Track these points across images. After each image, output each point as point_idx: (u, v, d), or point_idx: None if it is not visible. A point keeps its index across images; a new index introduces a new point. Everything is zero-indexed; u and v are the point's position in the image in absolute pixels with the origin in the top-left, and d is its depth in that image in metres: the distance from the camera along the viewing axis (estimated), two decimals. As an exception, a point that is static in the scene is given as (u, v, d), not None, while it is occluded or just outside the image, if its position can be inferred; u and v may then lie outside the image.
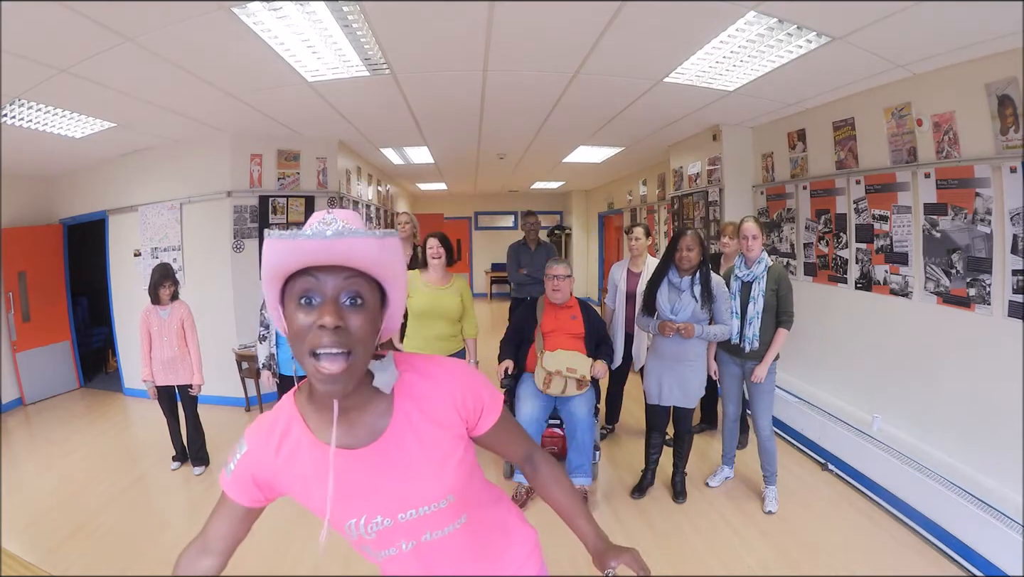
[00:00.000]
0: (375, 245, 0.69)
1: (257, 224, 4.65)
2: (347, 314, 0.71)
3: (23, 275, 5.02)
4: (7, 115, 3.26)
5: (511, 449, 0.99)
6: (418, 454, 0.83)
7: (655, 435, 2.97)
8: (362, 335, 0.72)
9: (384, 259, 0.71)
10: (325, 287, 0.70)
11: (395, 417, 0.83)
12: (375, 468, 0.81)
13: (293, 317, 0.71)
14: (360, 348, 0.72)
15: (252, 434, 0.85)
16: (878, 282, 3.22)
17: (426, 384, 0.86)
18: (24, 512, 2.94)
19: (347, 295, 0.71)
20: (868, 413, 3.19)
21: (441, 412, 0.85)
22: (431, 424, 0.84)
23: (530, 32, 2.57)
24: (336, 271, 0.70)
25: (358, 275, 0.71)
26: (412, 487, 0.82)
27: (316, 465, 0.81)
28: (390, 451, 0.82)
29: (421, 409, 0.84)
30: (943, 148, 2.72)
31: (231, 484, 0.84)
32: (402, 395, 0.84)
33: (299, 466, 0.82)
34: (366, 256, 0.69)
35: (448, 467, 0.84)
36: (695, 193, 5.06)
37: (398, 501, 0.82)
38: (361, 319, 0.72)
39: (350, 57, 2.81)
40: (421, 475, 0.82)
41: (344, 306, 0.71)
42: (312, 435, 0.82)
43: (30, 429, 4.41)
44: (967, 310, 2.63)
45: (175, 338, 3.28)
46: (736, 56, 2.81)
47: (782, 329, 2.79)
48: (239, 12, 2.21)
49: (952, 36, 2.37)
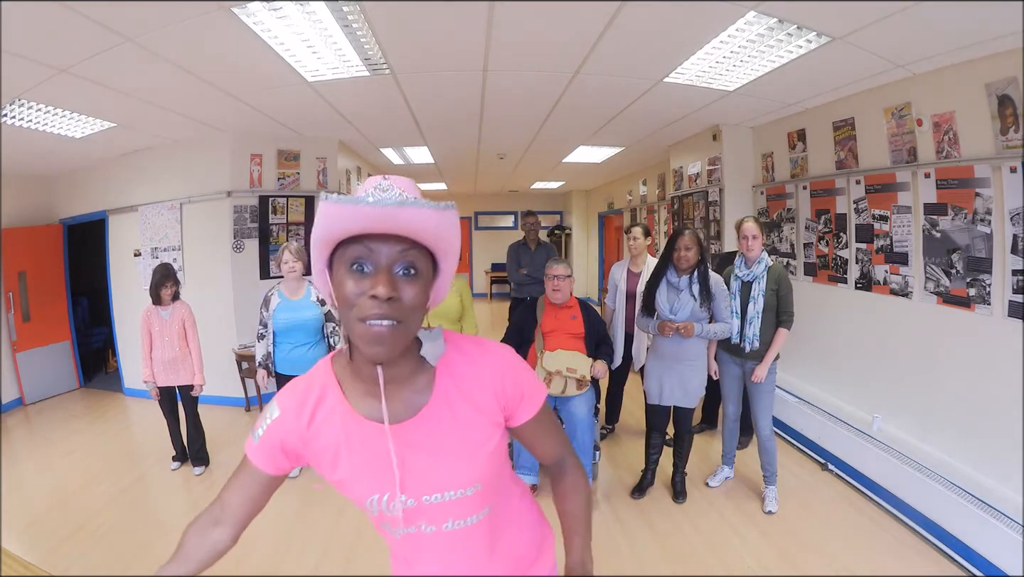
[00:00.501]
0: (436, 217, 0.66)
1: (257, 224, 4.65)
2: (400, 284, 0.69)
3: (23, 275, 5.02)
4: (7, 115, 3.26)
5: (546, 446, 0.95)
6: (453, 436, 0.80)
7: (655, 435, 2.97)
8: (415, 305, 0.70)
9: (442, 231, 0.69)
10: (379, 256, 0.68)
11: (435, 395, 0.80)
12: (407, 446, 0.79)
13: (343, 283, 0.69)
14: (412, 317, 0.71)
15: (285, 398, 0.82)
16: (878, 282, 3.22)
17: (469, 366, 0.83)
18: (24, 512, 2.94)
19: (401, 265, 0.69)
20: (868, 413, 3.19)
21: (481, 396, 0.83)
22: (470, 407, 0.82)
23: (530, 32, 2.57)
24: (391, 240, 0.68)
25: (413, 245, 0.70)
26: (442, 470, 0.80)
27: (349, 436, 0.79)
28: (426, 429, 0.79)
29: (461, 390, 0.82)
30: (943, 148, 2.72)
31: (257, 450, 0.82)
32: (444, 373, 0.82)
33: (330, 435, 0.80)
34: (426, 227, 0.67)
35: (481, 455, 0.82)
36: (695, 193, 5.06)
37: (426, 482, 0.80)
38: (415, 290, 0.70)
39: (350, 57, 2.80)
40: (453, 458, 0.80)
41: (398, 276, 0.69)
42: (348, 404, 0.80)
43: (30, 429, 4.41)
44: (967, 310, 2.63)
45: (176, 338, 3.28)
46: (736, 56, 2.81)
47: (782, 329, 2.79)
48: (239, 12, 2.21)
49: (952, 36, 2.37)
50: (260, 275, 4.69)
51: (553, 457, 0.97)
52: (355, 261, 0.69)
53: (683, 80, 3.23)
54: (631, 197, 8.03)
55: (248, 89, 3.31)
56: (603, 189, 9.72)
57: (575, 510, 0.97)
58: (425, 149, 5.73)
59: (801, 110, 3.81)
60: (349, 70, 3.00)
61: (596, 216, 10.47)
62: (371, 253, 0.68)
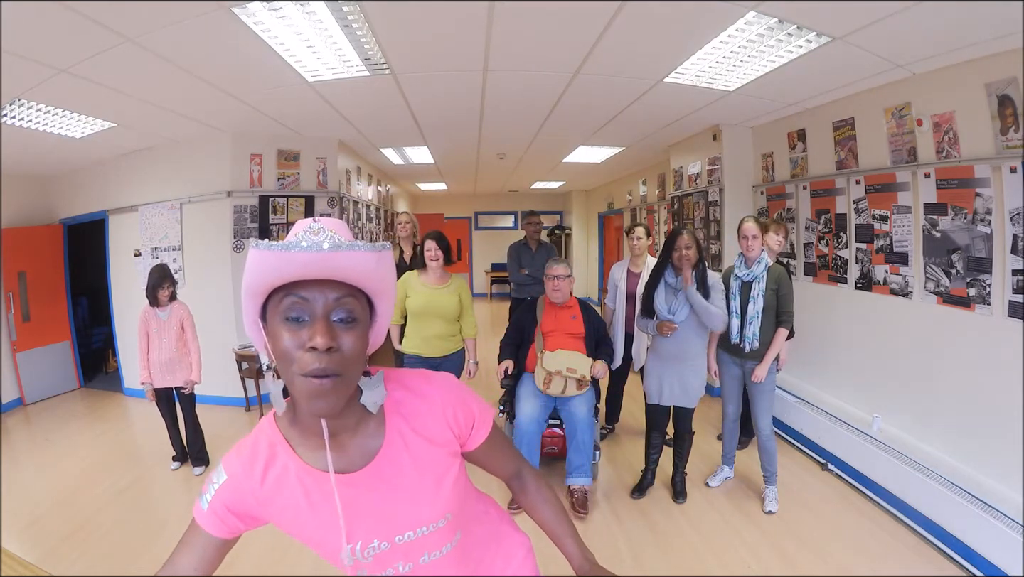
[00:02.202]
0: (373, 258, 0.64)
1: (257, 224, 4.65)
2: (339, 333, 0.66)
3: (23, 275, 5.02)
4: (7, 115, 3.26)
5: (500, 465, 0.97)
6: (414, 474, 0.79)
7: (655, 435, 2.97)
8: (354, 354, 0.68)
9: (380, 274, 0.67)
10: (315, 305, 0.66)
11: (388, 437, 0.79)
12: (371, 491, 0.77)
13: (278, 336, 0.66)
14: (352, 368, 0.68)
15: (232, 462, 0.79)
16: (878, 282, 3.22)
17: (417, 401, 0.82)
18: (24, 512, 2.94)
19: (339, 313, 0.67)
20: (868, 413, 3.19)
21: (434, 429, 0.82)
22: (425, 442, 0.81)
23: (530, 32, 2.57)
24: (326, 286, 0.65)
25: (349, 292, 0.67)
26: (409, 509, 0.79)
27: (307, 492, 0.77)
28: (385, 473, 0.78)
29: (413, 427, 0.81)
30: (943, 148, 2.72)
31: (207, 516, 0.78)
32: (393, 413, 0.80)
33: (288, 495, 0.77)
34: (362, 270, 0.65)
35: (445, 485, 0.82)
36: (695, 193, 5.06)
37: (395, 524, 0.79)
38: (353, 337, 0.68)
39: (350, 57, 2.80)
40: (418, 496, 0.79)
41: (335, 324, 0.67)
42: (300, 460, 0.77)
43: (30, 429, 4.41)
44: (967, 310, 2.63)
45: (174, 339, 3.27)
46: (736, 56, 2.81)
47: (782, 329, 2.79)
48: (239, 12, 2.21)
49: (952, 36, 2.37)
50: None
51: (510, 471, 0.98)
52: (290, 312, 0.66)
53: (683, 80, 3.23)
54: (631, 197, 8.03)
55: (248, 89, 3.31)
56: (603, 189, 9.72)
57: (553, 516, 0.97)
58: (425, 149, 5.73)
59: (801, 110, 3.81)
60: (349, 70, 3.00)
61: (596, 216, 10.47)
62: (306, 303, 0.65)
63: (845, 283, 3.50)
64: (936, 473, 2.51)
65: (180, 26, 2.29)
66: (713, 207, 4.73)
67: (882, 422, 3.09)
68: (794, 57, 2.76)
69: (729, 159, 4.51)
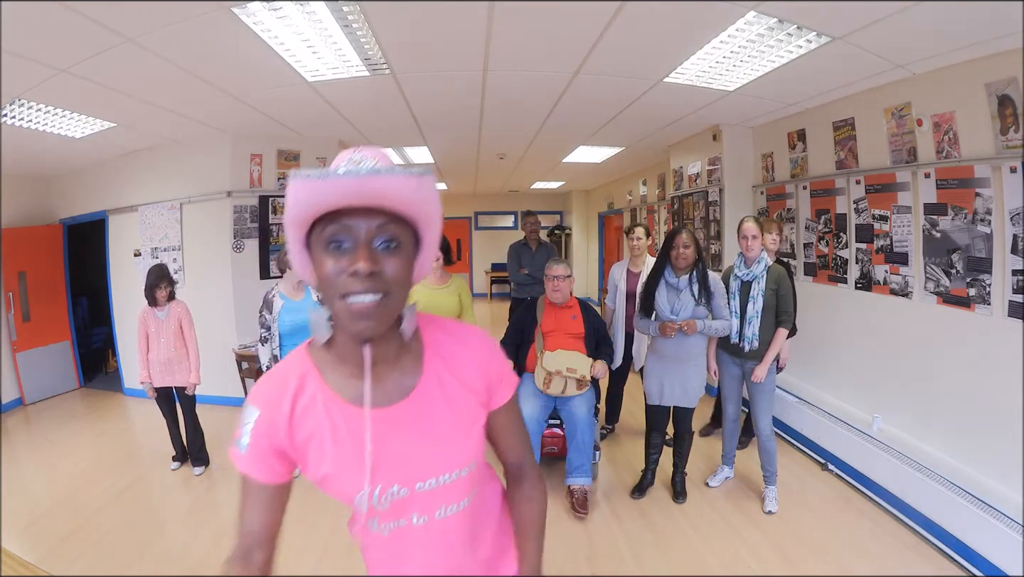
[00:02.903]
0: (412, 183, 0.63)
1: (257, 224, 4.65)
2: (382, 258, 0.66)
3: (23, 275, 5.02)
4: (7, 115, 3.26)
5: (512, 440, 0.92)
6: (447, 416, 0.78)
7: (655, 435, 2.97)
8: (398, 278, 0.68)
9: (420, 199, 0.66)
10: (357, 231, 0.65)
11: (425, 375, 0.78)
12: (401, 429, 0.75)
13: (322, 263, 0.66)
14: (396, 290, 0.68)
15: (260, 394, 0.76)
16: (878, 282, 3.22)
17: (456, 346, 0.82)
18: (24, 512, 2.94)
19: (381, 239, 0.66)
20: (868, 413, 3.19)
21: (470, 375, 0.81)
22: (461, 386, 0.80)
23: (530, 32, 2.57)
24: (368, 214, 0.65)
25: (391, 218, 0.66)
26: (437, 452, 0.77)
27: (334, 426, 0.74)
28: (418, 411, 0.76)
29: (451, 370, 0.80)
30: (943, 148, 2.72)
31: (248, 460, 0.74)
32: (432, 354, 0.79)
33: (312, 426, 0.74)
34: (402, 196, 0.64)
35: (474, 433, 0.80)
36: (695, 193, 5.06)
37: (420, 467, 0.76)
38: (396, 263, 0.67)
39: (350, 57, 2.80)
40: (447, 439, 0.77)
41: (378, 250, 0.66)
42: (330, 391, 0.75)
43: (30, 429, 4.41)
44: (967, 310, 2.63)
45: (173, 339, 3.27)
46: (736, 56, 2.81)
47: (781, 329, 2.79)
48: (239, 12, 2.21)
49: (952, 36, 2.37)
50: (260, 275, 4.69)
51: (516, 455, 0.94)
52: (332, 239, 0.66)
53: (683, 80, 3.22)
54: (631, 197, 8.03)
55: (248, 89, 3.31)
56: (603, 189, 9.72)
57: (531, 517, 0.93)
58: (425, 149, 5.73)
59: (801, 110, 3.81)
60: (349, 70, 3.00)
61: (596, 216, 10.47)
62: (348, 230, 0.65)
63: (845, 283, 3.50)
64: (936, 473, 2.51)
65: (180, 26, 2.29)
66: (713, 207, 4.73)
67: (882, 422, 3.09)
68: (794, 57, 2.76)
69: (729, 159, 4.51)
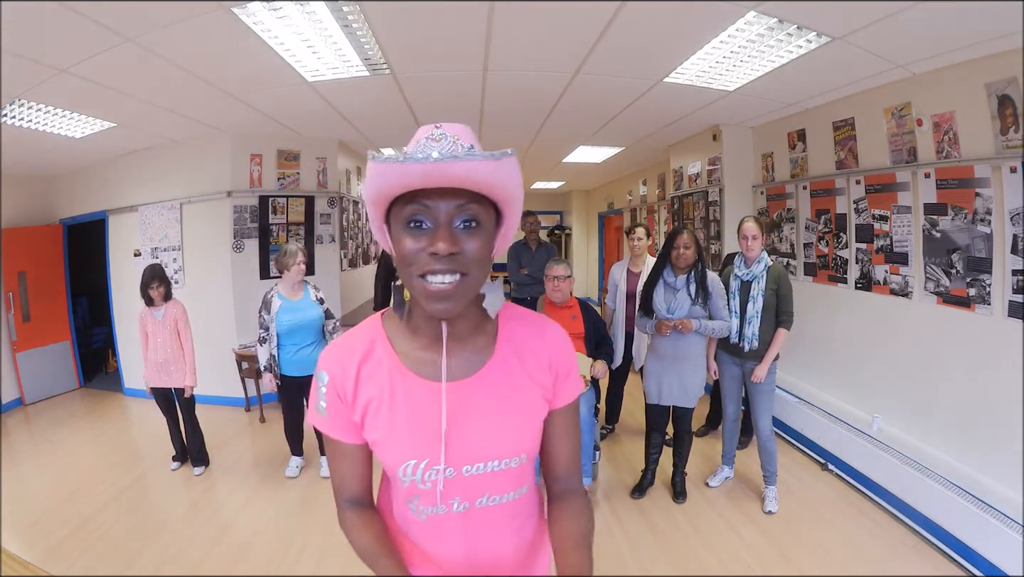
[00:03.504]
0: (491, 167, 0.62)
1: (257, 224, 4.65)
2: (461, 238, 0.66)
3: (23, 275, 5.02)
4: (7, 115, 3.26)
5: (565, 447, 0.85)
6: (508, 401, 0.77)
7: (655, 435, 2.98)
8: (478, 258, 0.67)
9: (500, 180, 0.64)
10: (437, 212, 0.65)
11: (495, 356, 0.77)
12: (461, 404, 0.75)
13: (401, 241, 0.67)
14: (477, 270, 0.68)
15: (329, 359, 0.78)
16: (878, 282, 3.22)
17: (531, 336, 0.81)
18: (24, 512, 2.94)
19: (461, 219, 0.66)
20: (868, 413, 3.19)
21: (538, 367, 0.80)
22: (527, 376, 0.79)
23: (530, 32, 2.57)
24: (448, 193, 0.64)
25: (472, 197, 0.66)
26: (491, 435, 0.75)
27: (394, 390, 0.75)
28: (482, 390, 0.76)
29: (520, 357, 0.79)
30: (943, 148, 2.72)
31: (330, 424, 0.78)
32: (506, 339, 0.79)
33: (374, 389, 0.75)
34: (480, 179, 0.63)
35: (532, 424, 0.79)
36: (695, 193, 5.06)
37: (471, 448, 0.75)
38: (477, 242, 0.67)
39: (350, 57, 2.80)
40: (505, 425, 0.76)
41: (458, 230, 0.66)
42: (397, 358, 0.76)
43: (30, 429, 4.41)
44: (967, 310, 2.63)
45: (169, 339, 3.26)
46: (736, 56, 2.81)
47: (782, 329, 2.79)
48: (239, 12, 2.21)
49: (952, 36, 2.37)
50: (260, 275, 4.68)
51: (565, 465, 0.86)
52: (412, 219, 0.66)
53: (683, 80, 3.22)
54: (631, 197, 8.03)
55: (248, 89, 3.31)
56: (603, 189, 9.72)
57: (581, 531, 0.80)
58: (425, 149, 5.72)
59: (801, 110, 3.81)
60: (349, 70, 3.00)
61: (596, 216, 10.47)
62: (427, 210, 0.65)
63: (845, 283, 3.50)
64: (936, 473, 2.51)
65: (180, 26, 2.29)
66: (713, 207, 4.73)
67: (882, 422, 3.09)
68: (794, 57, 2.76)
69: (729, 159, 4.51)
